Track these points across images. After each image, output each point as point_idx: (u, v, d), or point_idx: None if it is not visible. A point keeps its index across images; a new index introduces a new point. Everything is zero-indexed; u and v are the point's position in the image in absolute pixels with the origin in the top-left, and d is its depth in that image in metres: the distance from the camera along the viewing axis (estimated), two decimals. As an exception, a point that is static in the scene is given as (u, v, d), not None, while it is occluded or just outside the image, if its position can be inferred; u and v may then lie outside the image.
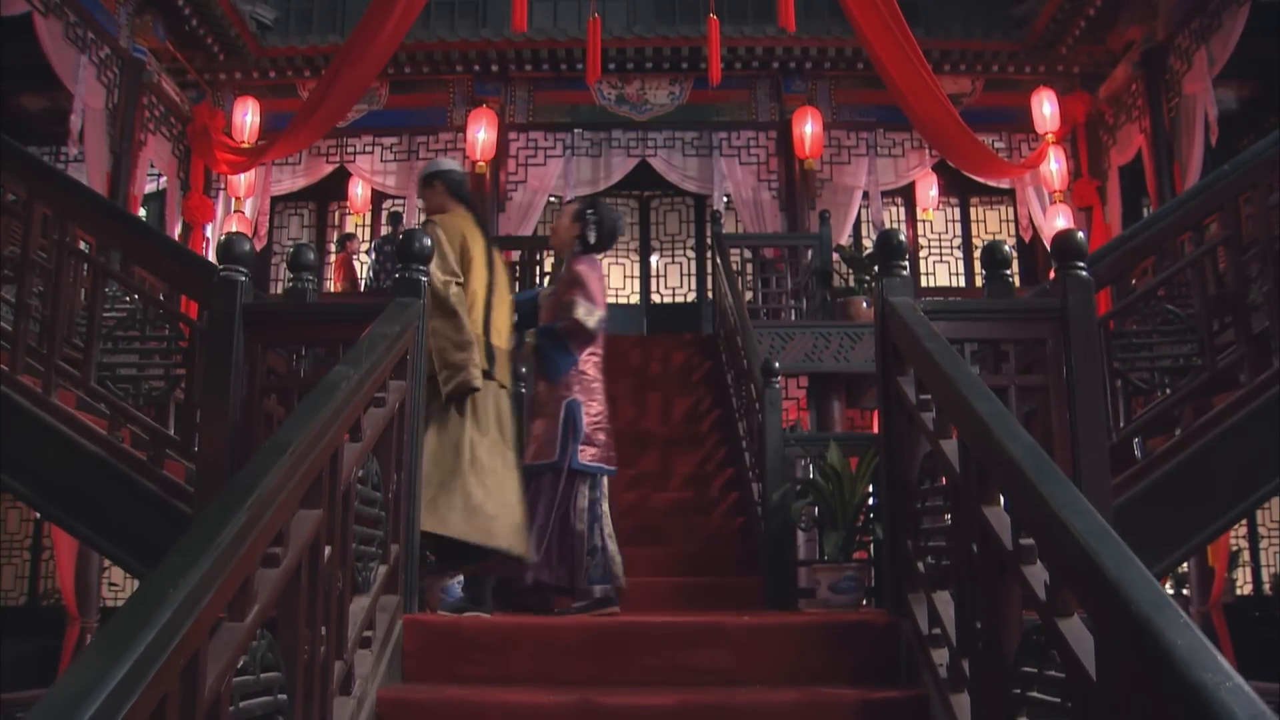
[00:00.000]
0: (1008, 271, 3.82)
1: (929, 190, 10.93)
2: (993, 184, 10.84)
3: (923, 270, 11.36)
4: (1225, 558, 9.20)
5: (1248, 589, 10.87)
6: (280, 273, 11.54)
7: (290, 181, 10.90)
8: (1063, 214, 10.12)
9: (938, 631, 2.78)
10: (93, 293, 4.03)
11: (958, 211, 11.64)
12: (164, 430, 3.92)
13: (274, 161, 10.41)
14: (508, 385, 4.11)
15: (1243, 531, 10.62)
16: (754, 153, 10.84)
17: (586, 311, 4.22)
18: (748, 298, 8.94)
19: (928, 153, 10.57)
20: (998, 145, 10.73)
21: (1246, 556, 10.78)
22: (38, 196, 4.07)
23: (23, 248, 4.01)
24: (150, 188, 10.27)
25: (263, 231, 10.87)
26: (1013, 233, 11.32)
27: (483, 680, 3.01)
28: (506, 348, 4.18)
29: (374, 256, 10.34)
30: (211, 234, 10.53)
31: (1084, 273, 3.30)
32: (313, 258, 3.95)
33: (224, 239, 3.37)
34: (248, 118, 10.26)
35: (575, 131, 10.90)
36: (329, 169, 10.90)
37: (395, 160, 10.88)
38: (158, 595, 1.65)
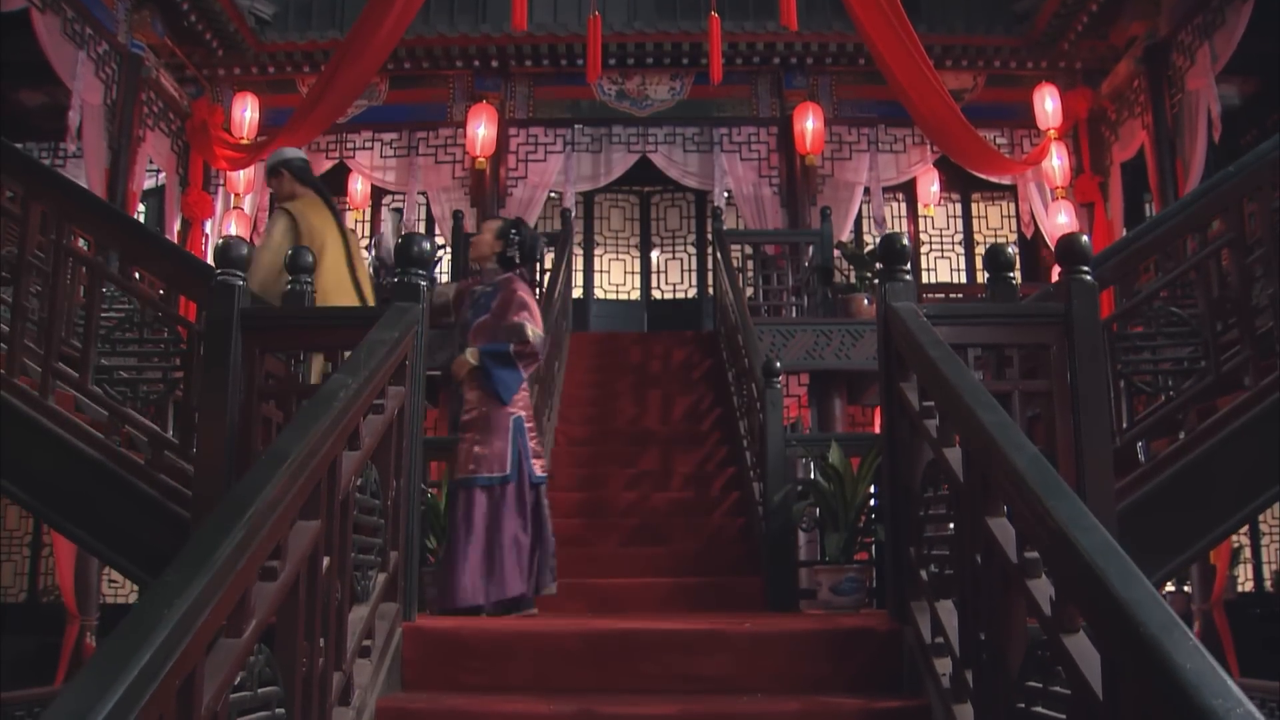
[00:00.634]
0: (1011, 274, 3.79)
1: (930, 186, 10.89)
2: (994, 180, 10.80)
3: (924, 267, 11.32)
4: (1227, 555, 9.19)
5: (1249, 586, 10.87)
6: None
7: (290, 177, 10.84)
8: (1064, 210, 10.09)
9: (940, 640, 2.76)
10: (90, 294, 4.00)
11: (959, 207, 11.60)
12: (162, 433, 3.90)
13: (273, 157, 10.37)
14: None
15: (1244, 528, 10.61)
16: (755, 148, 10.80)
17: (534, 334, 4.38)
18: (748, 294, 8.92)
19: (929, 149, 10.53)
20: (999, 141, 10.69)
21: (1248, 553, 10.78)
22: (34, 198, 4.04)
23: (20, 249, 3.98)
24: (149, 184, 10.22)
25: (262, 228, 10.83)
26: (1014, 229, 11.30)
27: (483, 688, 2.99)
28: None
29: (373, 253, 10.31)
30: (211, 230, 10.51)
31: (1088, 277, 3.27)
32: (310, 260, 3.92)
33: (221, 243, 3.34)
34: (247, 113, 10.21)
35: (576, 127, 10.86)
36: (328, 165, 10.84)
37: (395, 156, 10.84)
38: (153, 616, 1.63)
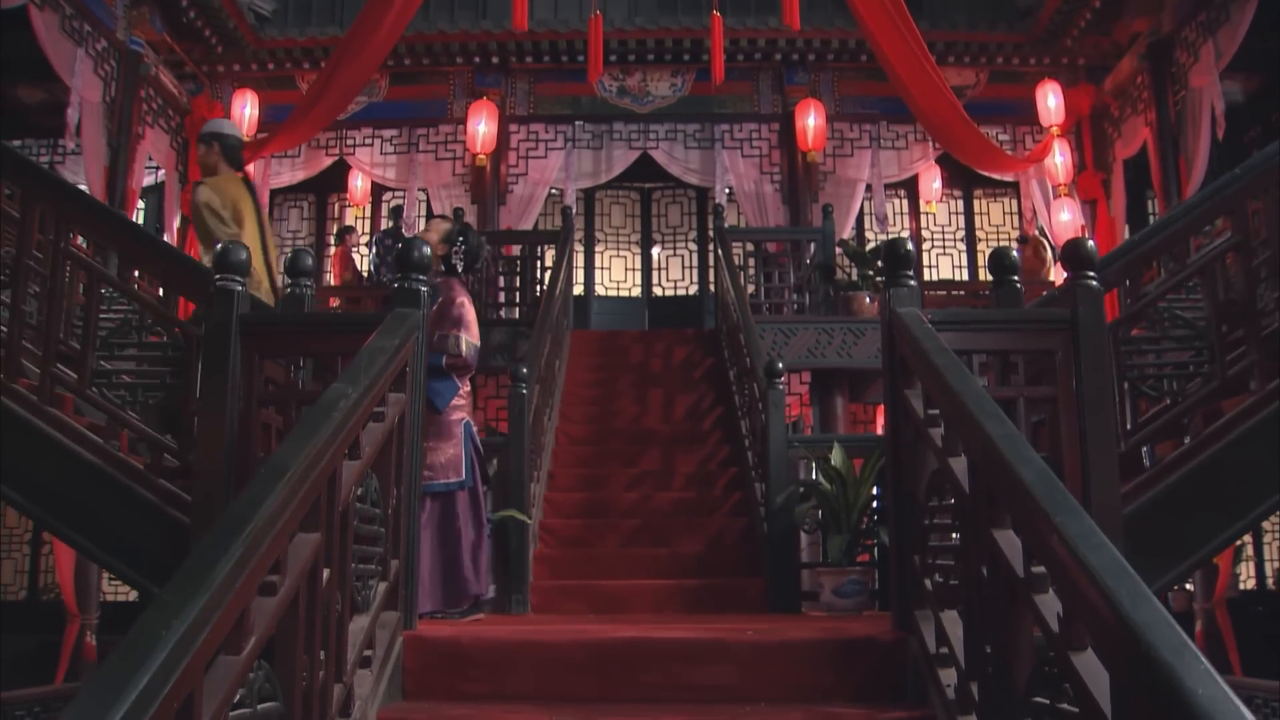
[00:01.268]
0: (1015, 278, 3.77)
1: (932, 182, 10.87)
2: (996, 177, 10.77)
3: (926, 263, 11.30)
4: (1230, 553, 9.17)
5: (1251, 583, 10.85)
6: (280, 265, 11.47)
7: (289, 174, 10.83)
8: (1067, 207, 10.06)
9: (945, 651, 2.73)
10: (89, 297, 3.97)
11: (961, 204, 11.58)
12: (160, 438, 3.88)
13: (273, 154, 10.34)
14: None
15: (1246, 526, 10.58)
16: (756, 145, 10.77)
17: (467, 346, 4.47)
18: (750, 291, 8.90)
19: (931, 145, 10.49)
20: (1002, 138, 10.66)
21: (1250, 551, 10.76)
22: (32, 201, 4.01)
23: (17, 252, 3.95)
24: (148, 180, 10.19)
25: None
26: (1016, 225, 11.27)
27: (484, 698, 2.97)
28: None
29: (374, 250, 10.30)
30: (210, 227, 10.45)
31: (1094, 282, 3.24)
32: (310, 263, 3.90)
33: (220, 247, 3.31)
34: (246, 110, 10.18)
35: (576, 124, 10.83)
36: (328, 161, 10.83)
37: (395, 153, 10.81)
38: (151, 638, 1.61)
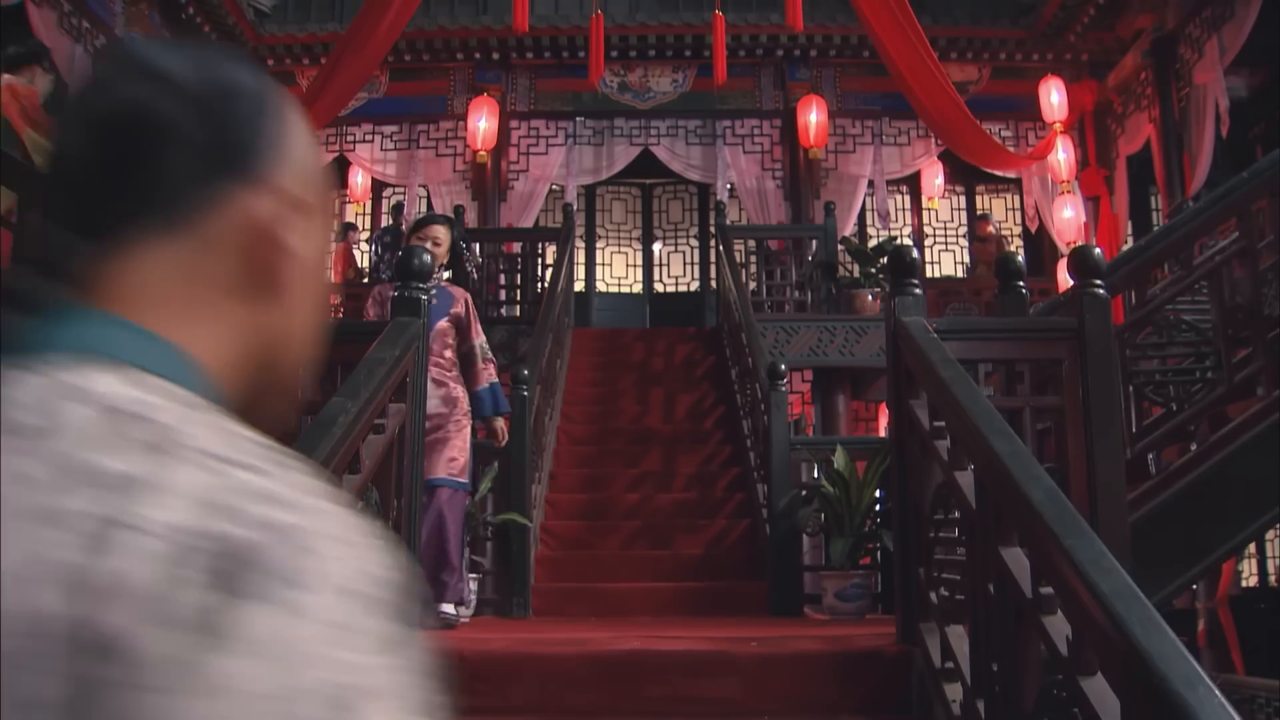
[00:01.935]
0: (1021, 283, 3.74)
1: (935, 179, 10.82)
2: (999, 173, 10.72)
3: (928, 259, 11.25)
4: (1231, 551, 9.15)
5: (1253, 580, 10.85)
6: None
7: (289, 171, 10.78)
8: (1070, 204, 10.01)
9: (950, 665, 2.71)
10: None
11: (963, 200, 11.53)
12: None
13: (273, 151, 10.30)
14: None
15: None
16: (758, 141, 10.72)
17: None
18: (751, 288, 8.86)
19: (933, 141, 10.44)
20: (1004, 134, 10.61)
21: (1252, 548, 10.74)
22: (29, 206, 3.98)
23: (14, 260, 3.92)
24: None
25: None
26: (1018, 221, 11.23)
27: (486, 711, 2.95)
28: None
29: (374, 247, 10.27)
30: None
31: (1101, 291, 3.21)
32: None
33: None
34: (246, 107, 10.12)
35: (577, 120, 10.78)
36: (328, 158, 10.78)
37: (395, 149, 10.77)
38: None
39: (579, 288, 10.95)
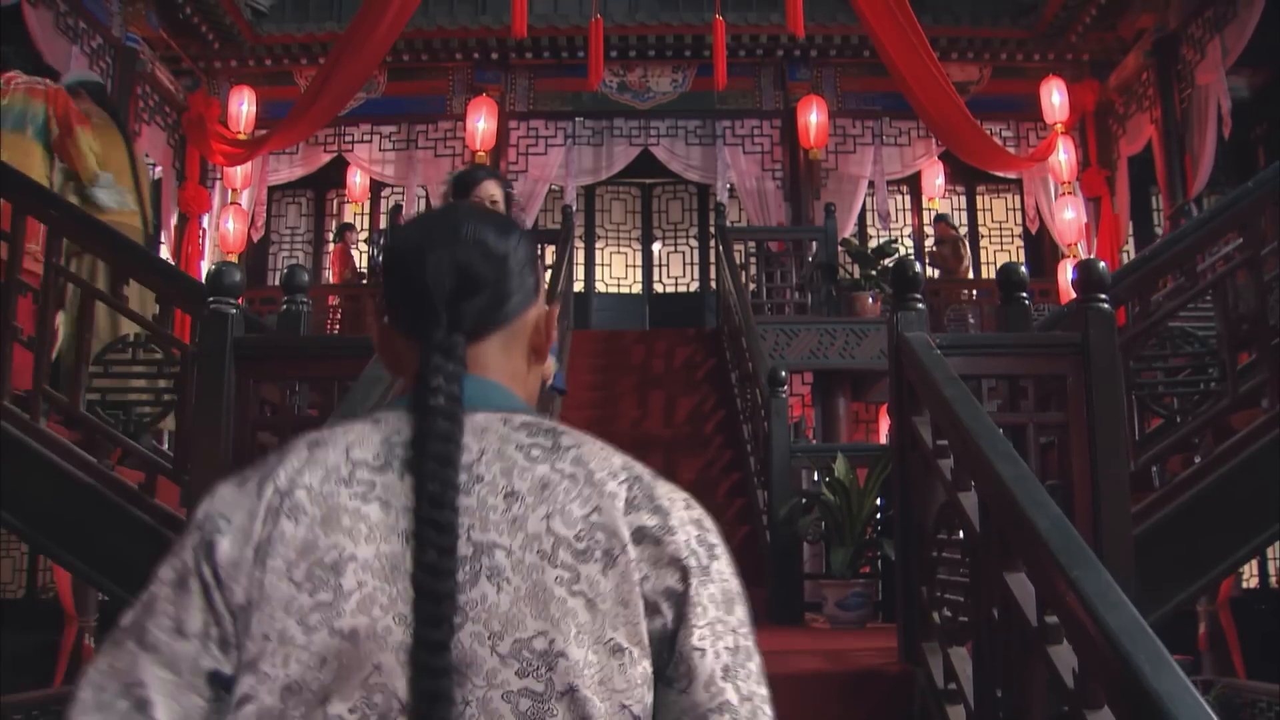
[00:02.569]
0: (1024, 294, 3.71)
1: (935, 179, 10.78)
2: (1000, 173, 10.68)
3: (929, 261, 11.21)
4: (1232, 554, 9.11)
5: (1254, 582, 10.81)
6: (278, 262, 11.43)
7: (288, 171, 10.76)
8: (1071, 204, 9.98)
9: (954, 687, 2.68)
10: (81, 315, 3.91)
11: (964, 200, 11.50)
12: (156, 459, 3.82)
13: (271, 151, 10.27)
14: None
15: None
16: (758, 141, 10.67)
17: None
18: (751, 290, 8.83)
19: (934, 141, 10.39)
20: (1005, 134, 10.57)
21: (1253, 549, 10.70)
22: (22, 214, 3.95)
23: (8, 269, 3.89)
24: (145, 177, 10.13)
25: (260, 222, 10.75)
26: (1019, 222, 11.19)
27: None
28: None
29: (373, 249, 10.23)
30: (208, 224, 10.40)
31: (1106, 305, 3.18)
32: (306, 279, 3.83)
33: (213, 269, 3.25)
34: (244, 107, 10.08)
35: (577, 120, 10.73)
36: (327, 158, 10.75)
37: (394, 150, 10.72)
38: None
39: (578, 288, 10.92)
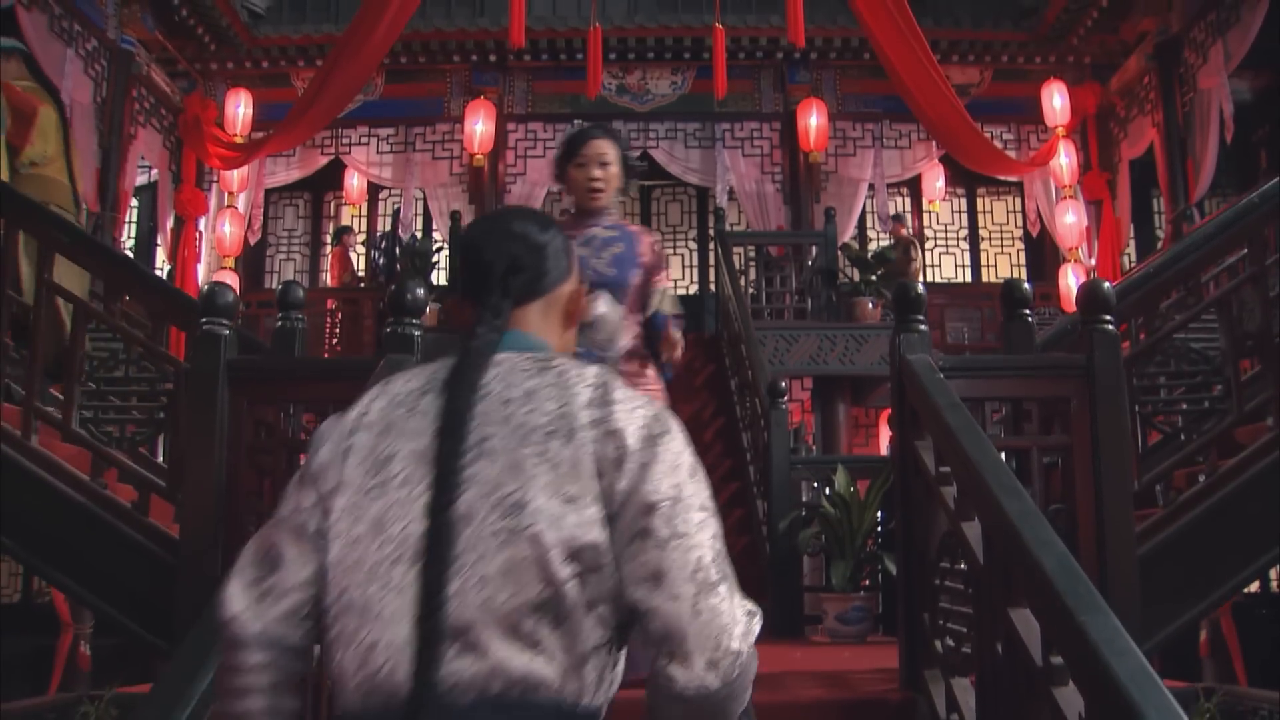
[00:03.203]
0: (1027, 311, 3.66)
1: (936, 181, 10.73)
2: (1000, 176, 10.63)
3: (929, 263, 11.17)
4: (1233, 559, 9.07)
5: (1255, 586, 10.78)
6: (276, 265, 11.39)
7: (285, 173, 10.70)
8: (1071, 208, 9.94)
9: (956, 718, 2.65)
10: (74, 331, 3.87)
11: (964, 202, 11.45)
12: (150, 476, 3.78)
13: (268, 154, 10.21)
14: None
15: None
16: (757, 144, 10.62)
17: None
18: (750, 294, 8.78)
19: (934, 144, 10.34)
20: (1006, 137, 10.53)
21: (1253, 554, 10.67)
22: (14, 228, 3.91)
23: (-1, 284, 3.85)
24: (141, 179, 10.08)
25: (256, 225, 10.70)
26: (1020, 225, 11.15)
27: None
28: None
29: (373, 253, 10.18)
30: (204, 227, 10.35)
31: (1110, 326, 3.14)
32: (302, 295, 3.78)
33: (207, 289, 3.21)
34: (240, 109, 10.02)
35: (575, 122, 10.60)
36: (324, 161, 10.69)
37: (391, 152, 10.66)
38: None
39: (577, 291, 10.85)
